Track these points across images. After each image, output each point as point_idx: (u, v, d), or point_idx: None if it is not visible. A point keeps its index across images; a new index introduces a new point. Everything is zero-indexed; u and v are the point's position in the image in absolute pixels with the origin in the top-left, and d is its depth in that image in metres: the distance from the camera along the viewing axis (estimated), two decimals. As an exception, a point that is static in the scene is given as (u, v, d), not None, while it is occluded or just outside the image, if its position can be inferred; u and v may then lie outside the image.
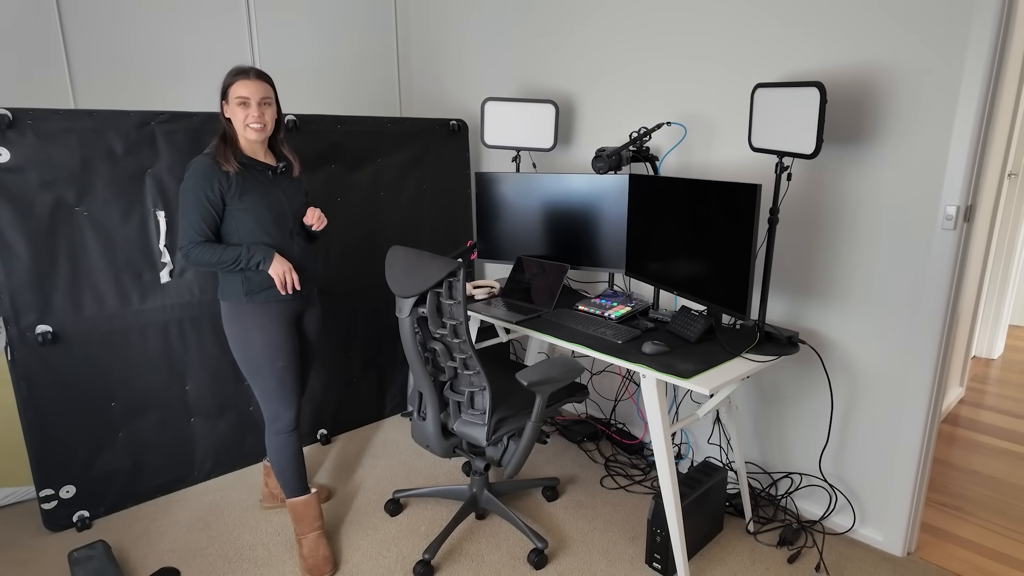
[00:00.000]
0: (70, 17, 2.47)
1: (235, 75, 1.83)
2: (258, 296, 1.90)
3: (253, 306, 1.90)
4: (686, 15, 2.28)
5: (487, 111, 2.71)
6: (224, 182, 1.81)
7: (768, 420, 2.33)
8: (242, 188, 1.84)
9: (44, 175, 2.03)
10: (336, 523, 2.27)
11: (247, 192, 1.84)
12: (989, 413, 3.17)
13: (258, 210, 1.86)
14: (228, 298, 1.91)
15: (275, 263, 1.87)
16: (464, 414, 1.96)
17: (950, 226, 1.78)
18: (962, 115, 1.72)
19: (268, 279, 1.90)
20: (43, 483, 2.16)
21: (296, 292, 1.97)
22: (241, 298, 1.89)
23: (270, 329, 1.92)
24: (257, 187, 1.87)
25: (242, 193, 1.84)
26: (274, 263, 1.87)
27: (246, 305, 1.89)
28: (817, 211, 2.07)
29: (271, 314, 1.92)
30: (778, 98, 1.85)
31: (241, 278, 1.88)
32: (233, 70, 1.84)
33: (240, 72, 1.83)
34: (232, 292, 1.90)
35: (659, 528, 1.96)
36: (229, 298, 1.91)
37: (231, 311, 1.91)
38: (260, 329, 1.91)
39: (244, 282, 1.88)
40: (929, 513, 2.31)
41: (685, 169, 2.40)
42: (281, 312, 1.94)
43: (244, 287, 1.88)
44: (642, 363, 1.81)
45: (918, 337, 1.90)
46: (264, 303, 1.91)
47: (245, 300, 1.89)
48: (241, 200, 1.84)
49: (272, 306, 1.92)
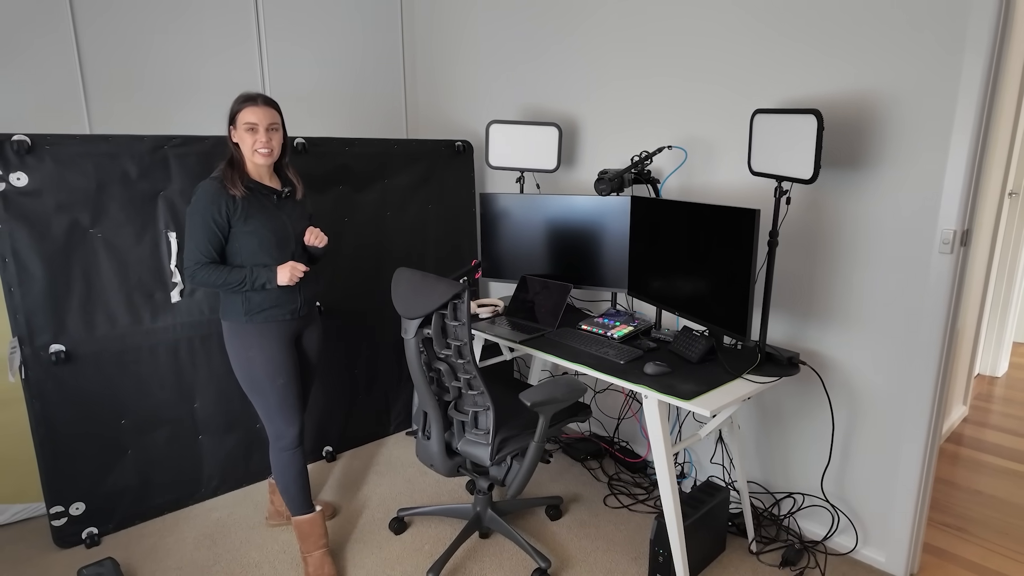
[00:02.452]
0: (87, 43, 2.55)
1: (243, 101, 1.87)
2: (257, 316, 1.93)
3: (253, 326, 1.94)
4: (688, 40, 2.34)
5: (492, 133, 2.76)
6: (231, 205, 1.85)
7: (770, 440, 2.34)
8: (247, 211, 1.88)
9: (60, 199, 2.08)
10: (341, 541, 2.29)
11: (252, 215, 1.89)
12: (993, 432, 3.16)
13: (262, 233, 1.90)
14: (229, 318, 1.95)
15: (280, 273, 1.91)
16: (468, 434, 1.99)
17: (947, 250, 1.81)
18: (957, 139, 1.75)
19: (267, 300, 1.94)
20: (53, 500, 2.19)
21: (295, 312, 2.01)
22: (241, 318, 1.93)
23: (270, 348, 1.96)
24: (262, 211, 1.91)
25: (247, 216, 1.88)
26: (279, 274, 1.91)
27: (246, 325, 1.93)
28: (816, 234, 2.10)
29: (270, 333, 1.96)
30: (776, 124, 1.89)
31: (241, 299, 1.92)
32: (241, 96, 1.89)
33: (248, 99, 1.88)
34: (233, 312, 1.94)
35: (661, 548, 1.97)
36: (230, 318, 1.95)
37: (232, 330, 1.95)
38: (260, 348, 1.94)
39: (244, 302, 1.92)
40: (932, 534, 2.31)
41: (686, 191, 2.44)
42: (280, 331, 1.98)
43: (244, 307, 1.92)
44: (644, 384, 1.84)
45: (917, 358, 1.92)
46: (264, 323, 1.95)
47: (245, 320, 1.93)
48: (246, 223, 1.88)
49: (272, 326, 1.96)
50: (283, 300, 1.97)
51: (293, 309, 2.00)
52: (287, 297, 1.98)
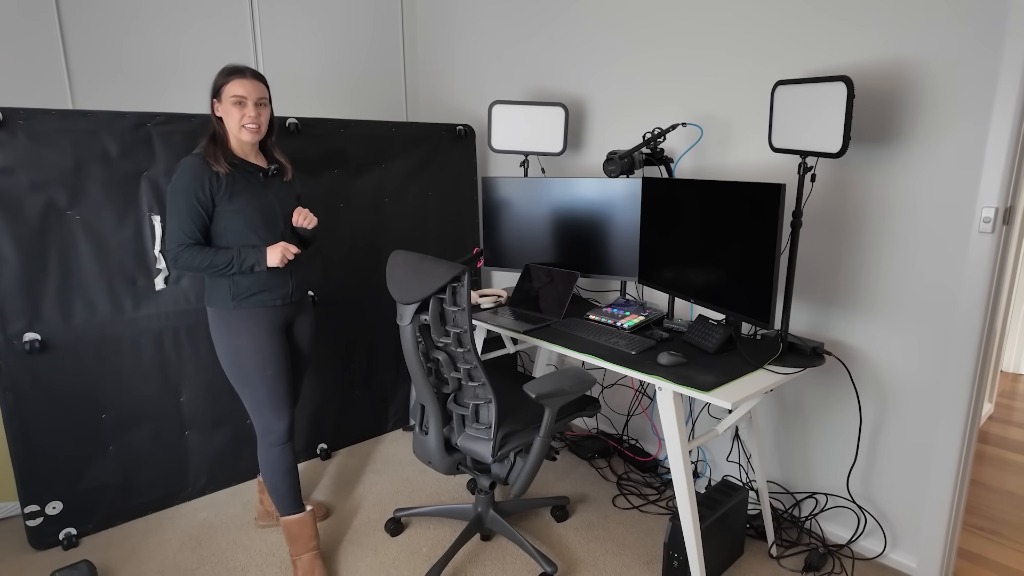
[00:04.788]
0: (69, 16, 2.42)
1: (230, 73, 1.76)
2: (246, 302, 1.81)
3: (241, 312, 1.81)
4: (701, 10, 2.20)
5: (494, 114, 2.63)
6: (214, 183, 1.74)
7: (791, 437, 2.20)
8: (232, 189, 1.76)
9: (35, 177, 1.96)
10: (334, 543, 2.15)
11: (237, 193, 1.77)
12: (1018, 430, 3.02)
13: (248, 212, 1.78)
14: (215, 304, 1.82)
15: (270, 255, 1.79)
16: (468, 428, 1.85)
17: (988, 229, 1.67)
18: (1000, 108, 1.61)
19: (255, 283, 1.82)
20: (28, 499, 2.07)
21: (287, 297, 1.88)
22: (228, 303, 1.80)
23: (259, 336, 1.83)
24: (247, 189, 1.79)
25: (232, 194, 1.76)
26: (269, 256, 1.79)
27: (234, 311, 1.81)
28: (843, 214, 1.96)
29: (260, 320, 1.83)
30: (801, 95, 1.75)
31: (228, 283, 1.80)
32: (227, 68, 1.77)
33: (236, 71, 1.76)
34: (219, 298, 1.81)
35: (676, 552, 1.83)
36: (216, 304, 1.82)
37: (218, 317, 1.82)
38: (248, 336, 1.82)
39: (231, 286, 1.80)
40: (965, 537, 2.16)
41: (701, 172, 2.30)
42: (270, 318, 1.85)
43: (231, 291, 1.80)
44: (658, 375, 1.70)
45: (953, 347, 1.78)
46: (252, 309, 1.82)
47: (232, 305, 1.80)
48: (231, 202, 1.76)
49: (261, 312, 1.83)
50: (273, 284, 1.85)
51: (284, 294, 1.87)
52: (278, 281, 1.86)
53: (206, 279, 1.84)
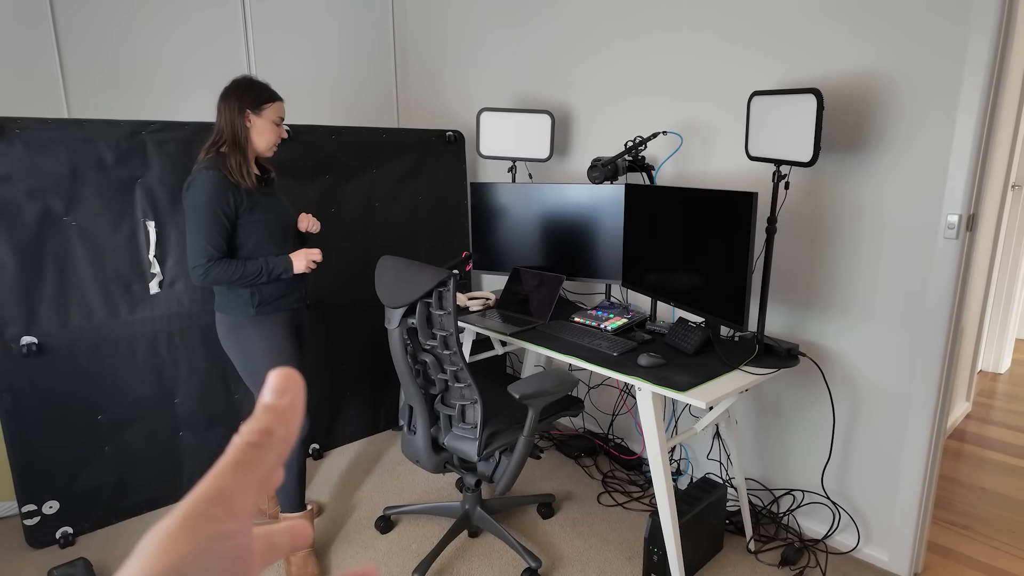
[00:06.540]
0: (64, 26, 2.47)
1: (272, 94, 1.84)
2: (267, 307, 1.87)
3: (261, 318, 1.88)
4: (682, 23, 2.27)
5: (483, 121, 2.69)
6: (236, 196, 1.78)
7: (769, 435, 2.27)
8: (251, 201, 1.82)
9: (32, 185, 2.01)
10: (326, 540, 2.21)
11: (256, 204, 1.82)
12: (997, 428, 3.10)
13: (267, 221, 1.85)
14: (231, 311, 1.86)
15: (296, 261, 1.87)
16: (455, 428, 1.91)
17: (952, 235, 1.74)
18: (963, 120, 1.68)
19: (278, 290, 1.89)
20: (26, 498, 2.11)
21: (302, 299, 1.98)
22: (249, 311, 1.85)
23: (275, 338, 1.90)
24: (263, 199, 1.86)
25: (252, 206, 1.81)
26: (295, 263, 1.87)
27: (254, 318, 1.87)
28: (816, 220, 2.03)
29: (279, 324, 1.91)
30: (775, 105, 1.82)
31: (251, 291, 1.85)
32: (267, 87, 1.84)
33: (275, 93, 1.85)
34: (238, 306, 1.85)
35: (656, 547, 1.89)
36: (232, 311, 1.86)
37: (234, 325, 1.87)
38: (265, 339, 1.88)
39: (254, 295, 1.85)
40: (936, 532, 2.24)
41: (682, 178, 2.37)
42: (287, 321, 1.93)
43: (254, 300, 1.85)
44: (638, 376, 1.76)
45: (921, 348, 1.85)
46: (271, 314, 1.89)
47: (254, 313, 1.86)
48: (252, 213, 1.81)
49: (279, 316, 1.91)
50: (291, 289, 1.93)
51: (300, 297, 1.97)
52: (295, 285, 1.95)
53: (220, 289, 1.87)
